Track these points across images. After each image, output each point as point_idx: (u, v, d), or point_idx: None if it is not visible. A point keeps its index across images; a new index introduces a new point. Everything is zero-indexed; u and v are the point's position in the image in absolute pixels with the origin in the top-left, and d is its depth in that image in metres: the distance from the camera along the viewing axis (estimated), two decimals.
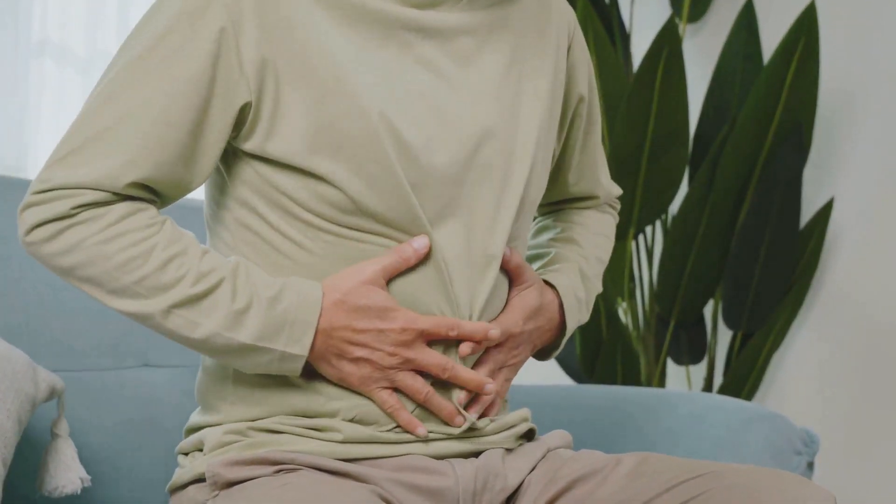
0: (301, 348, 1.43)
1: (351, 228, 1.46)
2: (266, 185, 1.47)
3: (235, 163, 1.49)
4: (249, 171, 1.47)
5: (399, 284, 1.47)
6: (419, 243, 1.45)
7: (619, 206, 1.79)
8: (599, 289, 1.69)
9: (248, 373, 1.47)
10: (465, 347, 1.48)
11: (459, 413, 1.48)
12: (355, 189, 1.44)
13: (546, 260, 1.66)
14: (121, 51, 1.45)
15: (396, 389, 1.47)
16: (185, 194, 1.48)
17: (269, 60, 1.43)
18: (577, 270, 1.65)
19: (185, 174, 1.45)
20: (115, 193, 1.42)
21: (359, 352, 1.44)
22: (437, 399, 1.47)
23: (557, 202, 1.76)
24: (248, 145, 1.46)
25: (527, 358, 1.58)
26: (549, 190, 1.71)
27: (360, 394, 1.47)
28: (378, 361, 1.44)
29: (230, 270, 1.43)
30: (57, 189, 1.41)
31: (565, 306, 1.60)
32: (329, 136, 1.44)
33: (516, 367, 1.57)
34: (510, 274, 1.55)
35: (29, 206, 1.42)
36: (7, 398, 1.54)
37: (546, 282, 1.61)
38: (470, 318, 1.49)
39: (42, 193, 1.42)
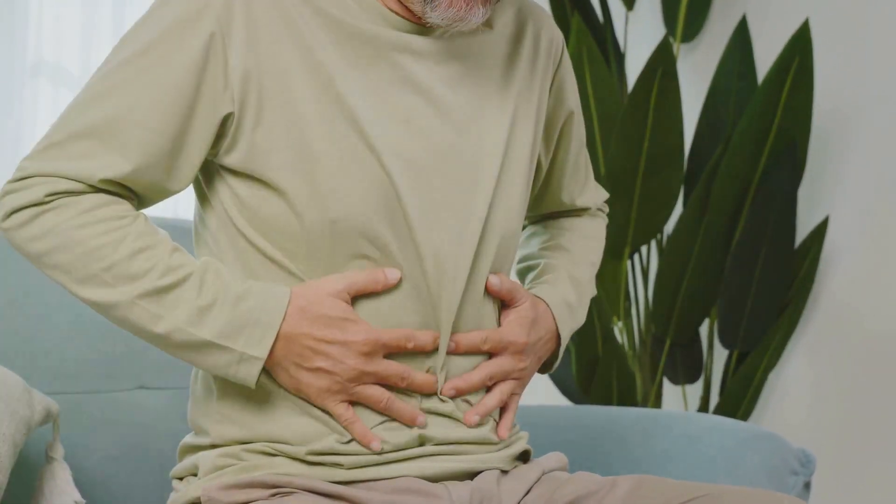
0: (261, 350, 1.42)
1: (312, 259, 1.47)
2: (242, 206, 1.48)
3: (214, 180, 1.50)
4: (226, 190, 1.49)
5: (379, 303, 1.47)
6: (392, 274, 1.46)
7: (607, 209, 1.81)
8: (594, 291, 1.71)
9: (209, 373, 1.47)
10: (450, 344, 1.50)
11: (420, 414, 1.47)
12: (329, 209, 1.45)
13: (536, 272, 1.68)
14: (115, 49, 1.47)
15: (354, 402, 1.46)
16: (164, 198, 1.50)
17: (253, 73, 1.45)
18: (567, 277, 1.66)
19: (165, 179, 1.46)
20: (89, 185, 1.44)
21: (319, 361, 1.44)
22: (398, 404, 1.46)
23: (547, 214, 1.77)
24: (229, 160, 1.47)
25: (534, 371, 1.60)
26: (539, 204, 1.74)
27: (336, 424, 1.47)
28: (340, 374, 1.44)
29: (199, 267, 1.44)
30: (34, 177, 1.43)
31: (556, 315, 1.61)
32: (309, 153, 1.45)
33: (524, 382, 1.57)
34: (504, 298, 1.56)
35: (6, 193, 1.45)
36: (2, 422, 1.54)
37: (535, 295, 1.62)
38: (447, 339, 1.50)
39: (19, 181, 1.44)
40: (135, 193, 1.47)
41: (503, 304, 1.57)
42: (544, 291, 1.63)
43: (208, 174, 1.51)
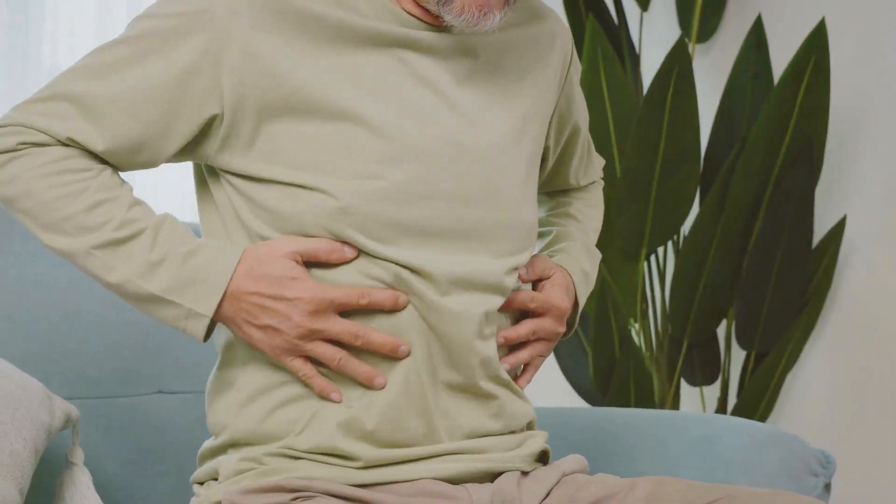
0: (206, 308, 1.46)
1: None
2: (245, 199, 1.49)
3: (218, 176, 1.52)
4: (227, 185, 1.50)
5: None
6: (349, 249, 1.47)
7: (602, 174, 1.85)
8: (599, 255, 1.76)
9: (164, 324, 1.49)
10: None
11: (378, 374, 1.47)
12: (344, 202, 1.45)
13: (549, 239, 1.73)
14: (127, 27, 1.51)
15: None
16: (125, 171, 1.53)
17: (248, 84, 1.46)
18: (581, 246, 1.72)
19: (132, 158, 1.50)
20: (58, 140, 1.48)
21: (266, 319, 1.45)
22: (352, 363, 1.47)
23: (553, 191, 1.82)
24: (224, 161, 1.48)
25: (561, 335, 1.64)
26: (545, 186, 1.78)
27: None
28: (287, 331, 1.45)
29: (154, 223, 1.47)
30: (11, 125, 1.48)
31: (576, 284, 1.67)
32: (317, 153, 1.46)
33: (552, 346, 1.62)
34: (537, 280, 1.61)
35: None
36: (23, 427, 1.54)
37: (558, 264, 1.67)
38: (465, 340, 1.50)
39: (0, 128, 1.49)
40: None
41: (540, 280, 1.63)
42: (565, 261, 1.67)
43: (212, 171, 1.52)
